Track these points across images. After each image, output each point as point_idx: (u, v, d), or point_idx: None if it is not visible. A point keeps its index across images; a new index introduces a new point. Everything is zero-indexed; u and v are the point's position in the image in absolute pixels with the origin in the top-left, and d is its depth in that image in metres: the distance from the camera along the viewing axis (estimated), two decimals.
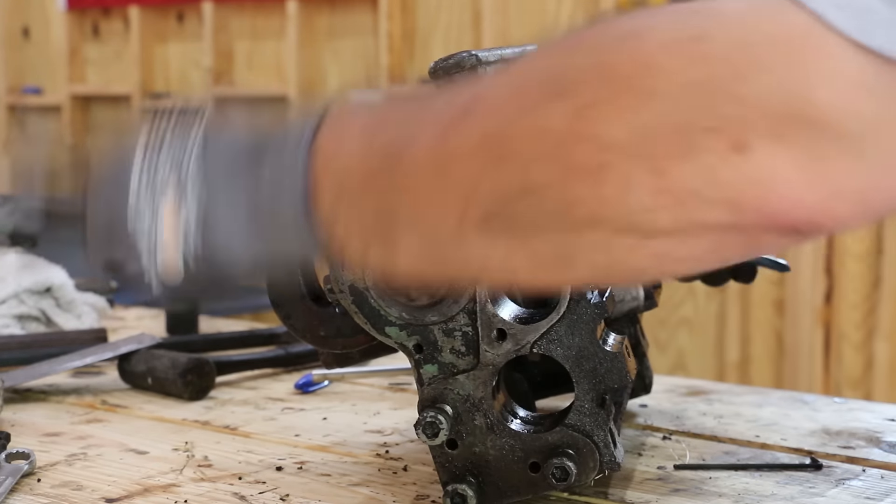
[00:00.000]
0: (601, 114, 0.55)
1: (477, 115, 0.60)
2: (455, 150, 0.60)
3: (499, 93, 0.60)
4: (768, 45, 0.55)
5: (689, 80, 0.55)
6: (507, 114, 0.59)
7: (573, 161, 0.56)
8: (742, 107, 0.54)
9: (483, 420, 0.86)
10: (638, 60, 0.56)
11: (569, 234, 0.58)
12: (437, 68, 0.83)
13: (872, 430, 1.09)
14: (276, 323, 1.28)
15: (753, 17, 0.55)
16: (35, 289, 1.47)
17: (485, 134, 0.59)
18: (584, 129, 0.56)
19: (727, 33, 0.55)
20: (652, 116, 0.55)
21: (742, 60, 0.55)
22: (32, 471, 0.98)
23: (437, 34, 4.03)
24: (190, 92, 4.55)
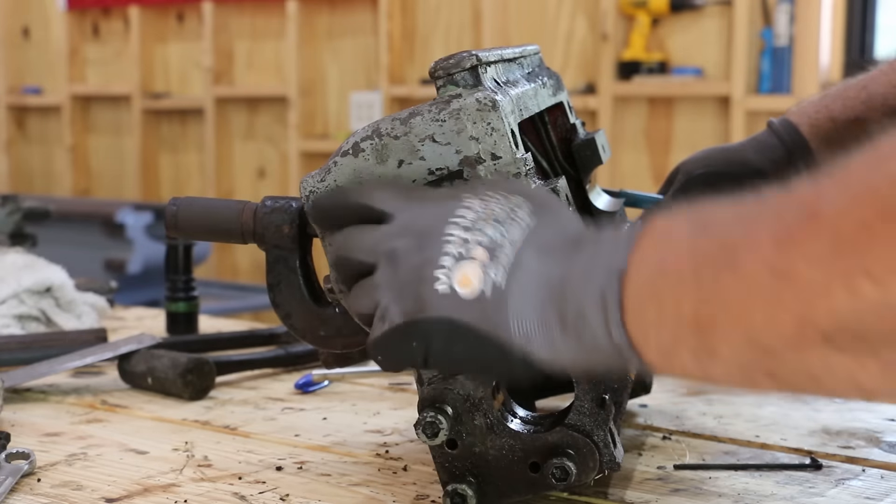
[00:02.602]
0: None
1: (826, 218, 0.57)
2: (802, 254, 0.57)
3: (847, 197, 0.57)
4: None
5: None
6: (862, 222, 0.55)
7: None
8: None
9: (483, 420, 0.86)
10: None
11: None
12: (437, 68, 0.83)
13: (872, 430, 1.09)
14: (276, 323, 1.29)
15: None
16: (35, 289, 1.47)
17: (836, 242, 0.56)
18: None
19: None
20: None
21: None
22: (32, 471, 0.98)
23: (437, 34, 4.03)
24: (190, 92, 4.56)
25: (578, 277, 0.67)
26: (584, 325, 0.66)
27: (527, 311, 0.68)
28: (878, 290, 0.55)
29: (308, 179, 0.84)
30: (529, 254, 0.70)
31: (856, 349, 0.57)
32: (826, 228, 0.57)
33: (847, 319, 0.56)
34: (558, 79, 1.06)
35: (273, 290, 0.91)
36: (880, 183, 0.56)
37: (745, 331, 0.60)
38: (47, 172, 5.00)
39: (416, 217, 0.75)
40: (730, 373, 0.62)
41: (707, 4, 3.54)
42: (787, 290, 0.58)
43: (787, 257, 0.58)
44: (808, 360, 0.59)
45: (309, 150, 4.18)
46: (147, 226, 3.71)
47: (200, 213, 0.93)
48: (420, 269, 0.72)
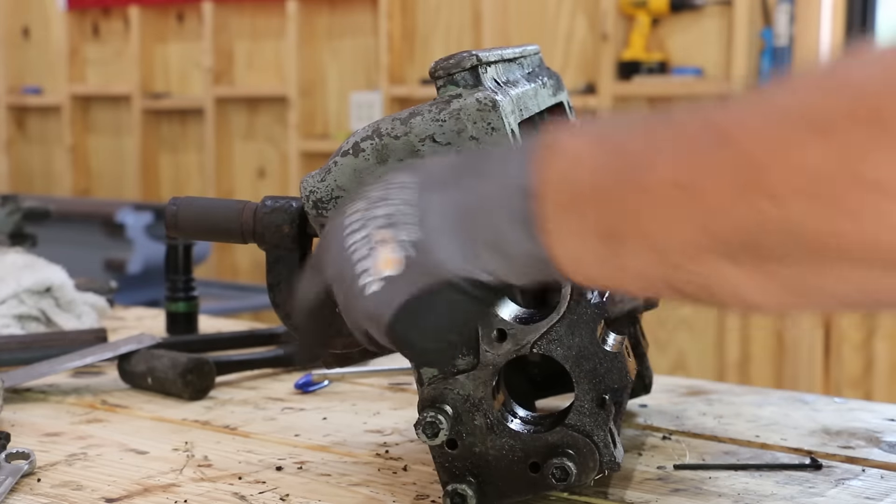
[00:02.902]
0: (868, 155, 0.55)
1: (733, 143, 0.60)
2: (706, 174, 0.60)
3: (756, 123, 0.60)
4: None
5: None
6: (766, 146, 0.58)
7: (836, 199, 0.56)
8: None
9: (483, 420, 0.86)
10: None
11: (819, 267, 0.59)
12: (437, 68, 0.83)
13: (872, 430, 1.09)
14: (276, 323, 1.29)
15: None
16: (35, 289, 1.47)
17: (741, 163, 0.59)
18: (850, 168, 0.56)
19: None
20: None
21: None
22: (32, 471, 0.98)
23: (437, 34, 4.03)
24: (190, 92, 4.55)
25: (486, 199, 0.69)
26: (505, 242, 0.68)
27: (448, 244, 0.70)
28: (779, 210, 0.58)
29: (308, 179, 0.84)
30: (425, 198, 0.71)
31: (751, 264, 0.60)
32: (733, 146, 0.59)
33: (746, 234, 0.59)
34: (558, 79, 1.06)
35: (273, 290, 0.91)
36: (794, 109, 0.59)
37: (649, 242, 0.63)
38: (47, 172, 4.99)
39: (321, 248, 0.77)
40: (634, 284, 0.66)
41: (707, 4, 3.54)
42: (691, 203, 0.61)
43: (692, 171, 0.61)
44: (705, 274, 0.62)
45: (309, 150, 4.18)
46: (147, 226, 3.70)
47: (200, 212, 0.93)
48: (352, 288, 0.73)
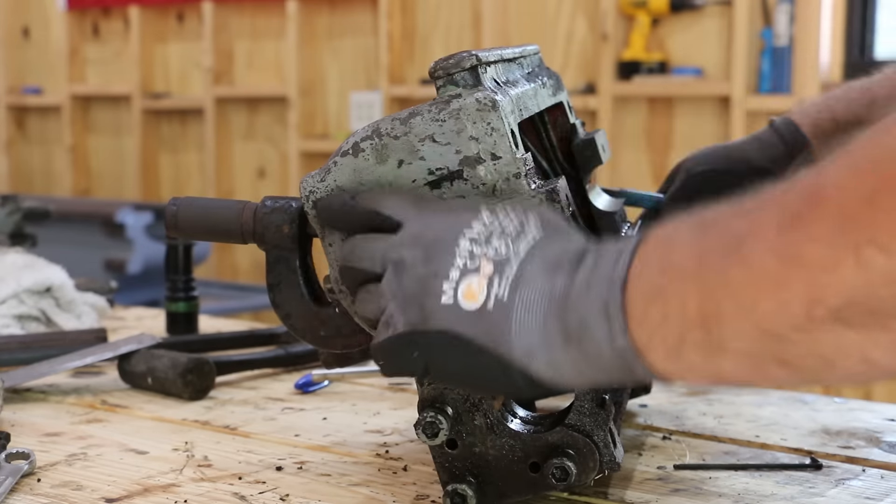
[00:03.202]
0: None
1: (828, 201, 0.57)
2: (807, 234, 0.57)
3: (848, 173, 0.57)
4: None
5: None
6: (862, 198, 0.56)
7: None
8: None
9: (483, 420, 0.86)
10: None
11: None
12: (437, 68, 0.83)
13: (872, 430, 1.09)
14: (276, 323, 1.29)
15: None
16: (35, 289, 1.47)
17: (840, 220, 0.56)
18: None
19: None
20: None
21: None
22: (32, 471, 0.98)
23: (437, 34, 4.03)
24: (190, 92, 4.55)
25: (581, 289, 0.67)
26: (587, 336, 0.66)
27: (529, 325, 0.68)
28: (886, 259, 0.55)
29: (308, 179, 0.84)
30: (534, 268, 0.70)
31: (866, 324, 0.57)
32: (830, 206, 0.57)
33: (857, 293, 0.56)
34: (558, 79, 1.06)
35: (273, 290, 0.91)
36: (881, 155, 0.56)
37: (753, 319, 0.60)
38: (47, 172, 5.00)
39: (426, 228, 0.75)
40: (740, 366, 0.62)
41: (707, 4, 3.54)
42: (795, 273, 0.58)
43: (793, 240, 0.58)
44: (819, 342, 0.59)
45: (309, 150, 4.18)
46: (147, 226, 3.70)
47: (200, 213, 0.93)
48: (426, 280, 0.72)
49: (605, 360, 0.66)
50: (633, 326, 0.64)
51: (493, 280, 0.70)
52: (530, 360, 0.69)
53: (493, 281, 0.70)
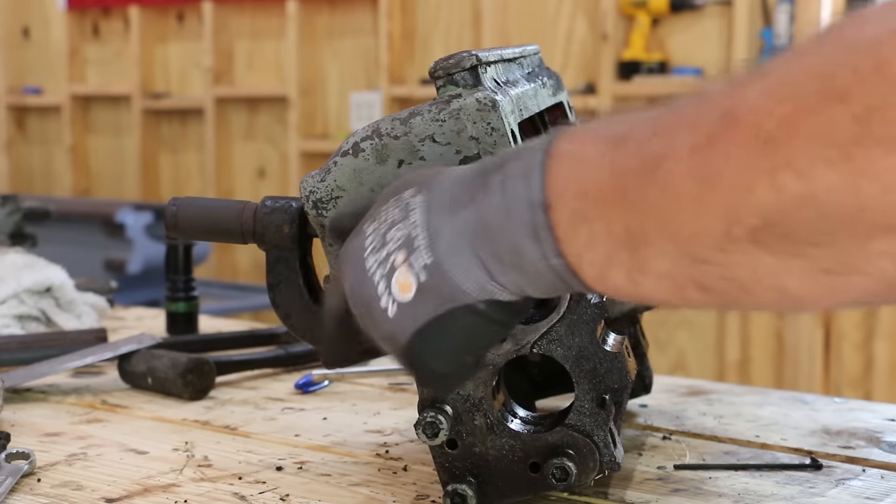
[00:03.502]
0: (881, 113, 0.53)
1: (745, 119, 0.57)
2: (723, 156, 0.57)
3: (765, 96, 0.57)
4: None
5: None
6: (782, 118, 0.56)
7: (863, 166, 0.54)
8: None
9: (483, 420, 0.86)
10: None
11: (853, 243, 0.56)
12: (437, 68, 0.83)
13: (872, 430, 1.09)
14: (276, 323, 1.29)
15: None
16: (35, 289, 1.47)
17: (758, 139, 0.56)
18: (874, 132, 0.53)
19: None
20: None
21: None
22: (32, 471, 0.97)
23: (437, 34, 4.03)
24: (190, 92, 4.55)
25: (499, 215, 0.67)
26: (523, 260, 0.67)
27: (464, 265, 0.69)
28: (801, 182, 0.55)
29: (308, 179, 0.84)
30: (437, 218, 0.70)
31: (781, 248, 0.57)
32: (745, 127, 0.57)
33: (773, 216, 0.56)
34: (558, 79, 1.06)
35: (273, 290, 0.91)
36: (798, 78, 0.56)
37: (674, 241, 0.60)
38: (47, 172, 5.00)
39: (342, 263, 0.76)
40: (661, 287, 0.63)
41: (707, 4, 3.54)
42: (712, 193, 0.58)
43: (708, 160, 0.58)
44: (736, 264, 0.59)
45: (309, 150, 4.18)
46: (147, 226, 3.70)
47: (200, 213, 0.93)
48: (370, 309, 0.73)
49: (545, 278, 0.67)
50: (563, 248, 0.65)
51: (411, 259, 0.70)
52: (486, 292, 0.69)
53: (411, 260, 0.70)
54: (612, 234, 0.63)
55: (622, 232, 0.62)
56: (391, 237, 0.72)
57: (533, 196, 0.65)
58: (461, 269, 0.69)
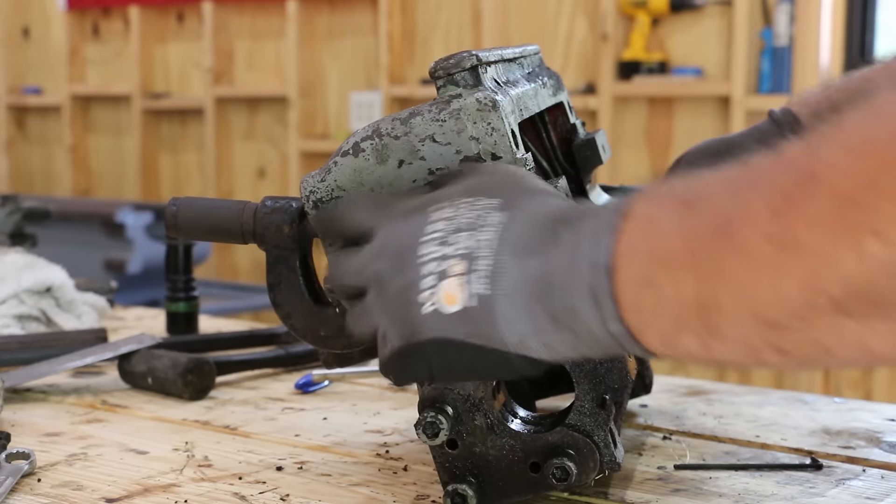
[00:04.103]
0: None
1: (824, 184, 0.54)
2: (804, 218, 0.55)
3: (844, 158, 0.55)
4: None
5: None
6: (859, 181, 0.53)
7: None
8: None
9: (483, 420, 0.86)
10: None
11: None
12: (437, 68, 0.83)
13: (872, 430, 1.09)
14: (276, 323, 1.29)
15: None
16: (35, 289, 1.47)
17: (837, 205, 0.54)
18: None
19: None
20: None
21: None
22: (32, 471, 0.97)
23: (437, 34, 4.03)
24: (190, 92, 4.55)
25: (562, 273, 0.66)
26: (578, 321, 0.65)
27: (515, 315, 0.68)
28: (886, 248, 0.53)
29: (308, 179, 0.84)
30: (505, 255, 0.69)
31: (866, 313, 0.55)
32: (825, 189, 0.55)
33: (856, 282, 0.54)
34: (558, 79, 1.06)
35: (273, 290, 0.91)
36: (880, 135, 0.54)
37: (750, 308, 0.58)
38: (47, 172, 5.00)
39: (391, 236, 0.74)
40: (736, 352, 0.61)
41: (707, 4, 3.54)
42: (791, 260, 0.56)
43: (788, 225, 0.56)
44: (817, 331, 0.57)
45: (309, 150, 4.18)
46: (147, 226, 3.71)
47: (200, 213, 0.93)
48: (404, 291, 0.71)
49: (599, 342, 0.66)
50: (625, 314, 0.63)
51: (468, 277, 0.69)
52: (524, 347, 0.68)
53: (468, 279, 0.69)
54: (682, 301, 0.60)
55: (692, 299, 0.60)
56: (455, 241, 0.70)
57: (598, 258, 0.64)
58: (510, 317, 0.68)
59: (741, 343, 0.60)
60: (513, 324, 0.68)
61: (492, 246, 0.69)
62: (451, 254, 0.70)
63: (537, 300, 0.67)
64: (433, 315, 0.70)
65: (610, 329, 0.64)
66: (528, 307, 0.67)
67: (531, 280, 0.67)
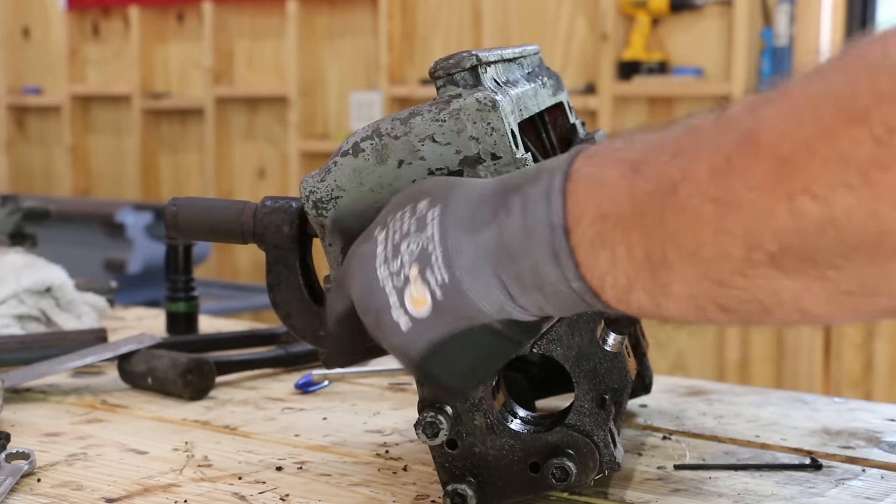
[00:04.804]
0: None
1: (763, 145, 0.57)
2: (743, 180, 0.57)
3: (785, 117, 0.57)
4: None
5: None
6: (801, 140, 0.55)
7: (883, 189, 0.53)
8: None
9: (483, 420, 0.86)
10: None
11: (874, 266, 0.55)
12: (437, 68, 0.83)
13: (872, 430, 1.09)
14: (276, 323, 1.29)
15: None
16: (35, 289, 1.47)
17: (774, 165, 0.56)
18: (887, 152, 0.53)
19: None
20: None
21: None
22: (32, 471, 0.97)
23: (437, 34, 4.03)
24: (190, 92, 4.55)
25: (519, 237, 0.67)
26: (543, 281, 0.67)
27: (483, 286, 0.69)
28: (819, 206, 0.55)
29: (308, 179, 0.84)
30: (455, 237, 0.70)
31: (801, 271, 0.57)
32: (765, 151, 0.57)
33: (792, 240, 0.56)
34: (558, 79, 1.06)
35: (273, 290, 0.91)
36: (819, 100, 0.56)
37: (695, 265, 0.60)
38: (47, 172, 5.00)
39: (347, 274, 0.76)
40: (684, 309, 0.63)
41: (707, 4, 3.54)
42: (732, 218, 0.58)
43: (728, 185, 0.58)
44: (757, 288, 0.59)
45: (309, 150, 4.18)
46: (147, 226, 3.71)
47: (200, 213, 0.93)
48: (380, 323, 0.72)
49: (565, 299, 0.67)
50: (584, 271, 0.65)
51: (426, 274, 0.70)
52: (505, 313, 0.69)
53: (426, 276, 0.70)
54: (633, 258, 0.63)
55: (642, 256, 0.62)
56: (405, 249, 0.71)
57: (553, 219, 0.65)
58: (480, 289, 0.68)
59: (688, 300, 0.62)
60: (485, 295, 0.69)
61: (436, 236, 0.70)
62: (403, 263, 0.71)
63: (501, 266, 0.68)
64: (412, 328, 0.71)
65: (572, 286, 0.66)
66: (494, 275, 0.68)
67: (489, 250, 0.68)
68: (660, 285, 0.62)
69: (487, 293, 0.69)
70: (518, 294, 0.68)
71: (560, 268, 0.66)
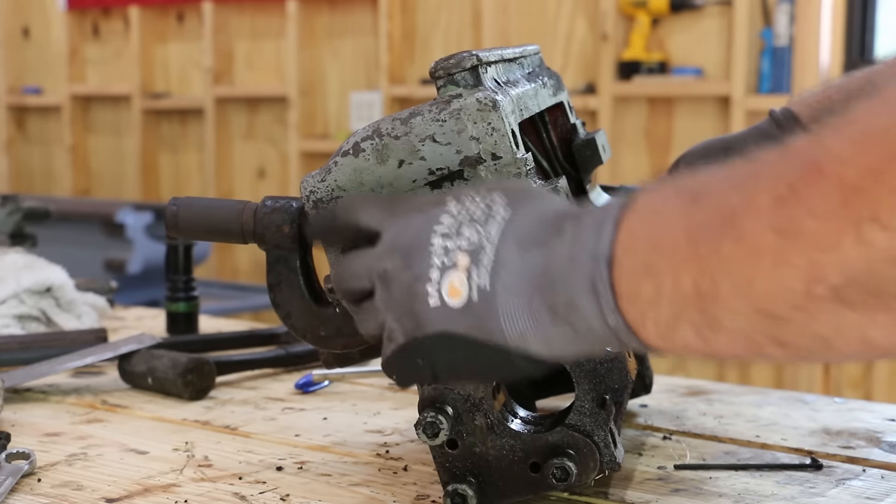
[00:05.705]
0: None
1: (830, 169, 0.54)
2: (807, 207, 0.55)
3: (851, 144, 0.55)
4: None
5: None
6: (869, 167, 0.53)
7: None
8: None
9: (483, 420, 0.86)
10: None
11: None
12: (437, 68, 0.83)
13: (872, 430, 1.09)
14: (276, 323, 1.29)
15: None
16: (35, 289, 1.47)
17: (841, 195, 0.54)
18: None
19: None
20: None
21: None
22: (32, 471, 0.98)
23: (437, 34, 4.03)
24: (190, 92, 4.55)
25: (563, 265, 0.66)
26: (577, 315, 0.65)
27: (515, 309, 0.68)
28: (887, 235, 0.53)
29: (308, 179, 0.84)
30: (509, 248, 0.69)
31: (866, 303, 0.55)
32: (830, 178, 0.54)
33: (858, 271, 0.54)
34: (558, 79, 1.06)
35: (273, 290, 0.91)
36: (887, 125, 0.54)
37: (750, 298, 0.58)
38: (47, 172, 4.99)
39: (399, 233, 0.74)
40: (735, 345, 0.60)
41: (707, 4, 3.54)
42: (793, 249, 0.56)
43: (790, 214, 0.56)
44: (818, 322, 0.57)
45: (309, 150, 4.18)
46: (147, 226, 3.71)
47: (200, 213, 0.93)
48: (411, 286, 0.71)
49: (597, 335, 0.65)
50: (624, 304, 0.63)
51: (472, 271, 0.69)
52: (525, 343, 0.68)
53: (471, 272, 0.69)
54: (680, 290, 0.60)
55: (691, 288, 0.60)
56: (461, 234, 0.70)
57: (600, 249, 0.64)
58: (510, 312, 0.68)
59: (740, 335, 0.60)
60: (513, 319, 0.68)
61: (495, 239, 0.69)
62: (456, 247, 0.70)
63: (538, 293, 0.67)
64: (438, 308, 0.70)
65: (608, 321, 0.64)
66: (529, 301, 0.67)
67: (532, 273, 0.67)
68: (709, 321, 0.60)
69: (516, 318, 0.68)
70: (547, 325, 0.67)
71: (597, 300, 0.64)
